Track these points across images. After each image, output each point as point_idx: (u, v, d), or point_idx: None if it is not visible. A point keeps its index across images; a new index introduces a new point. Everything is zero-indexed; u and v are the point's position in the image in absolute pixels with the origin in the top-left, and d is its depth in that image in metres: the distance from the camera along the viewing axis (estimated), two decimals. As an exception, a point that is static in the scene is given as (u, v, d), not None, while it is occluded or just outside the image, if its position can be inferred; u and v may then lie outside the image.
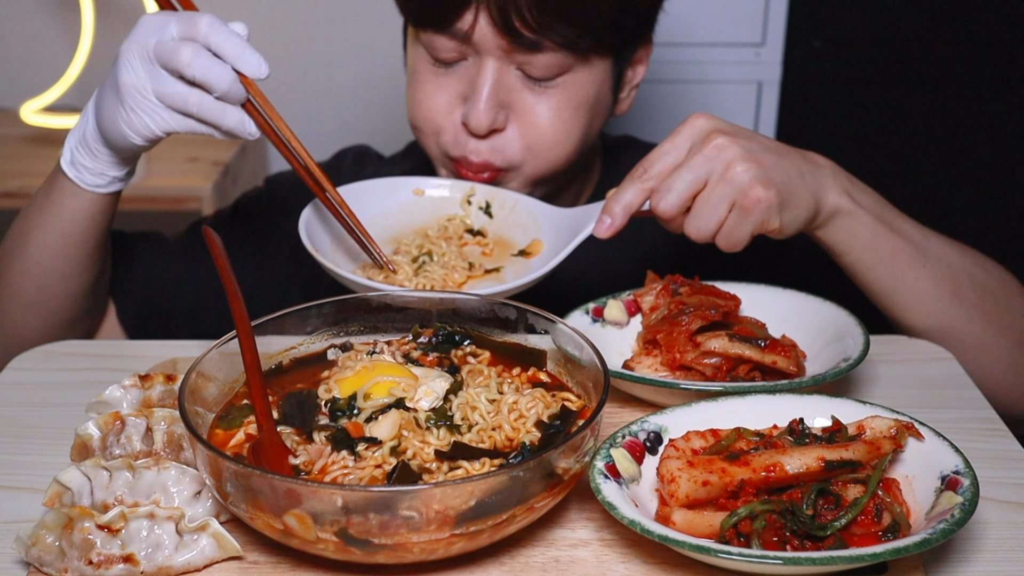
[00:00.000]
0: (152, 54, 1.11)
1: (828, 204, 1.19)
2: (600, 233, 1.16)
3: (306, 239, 1.20)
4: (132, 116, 1.13)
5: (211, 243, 1.05)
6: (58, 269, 1.30)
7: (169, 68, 1.10)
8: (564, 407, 0.99)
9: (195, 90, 1.11)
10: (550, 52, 1.29)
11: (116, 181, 1.25)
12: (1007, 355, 1.28)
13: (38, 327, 1.34)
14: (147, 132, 1.14)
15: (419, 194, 1.35)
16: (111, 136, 1.17)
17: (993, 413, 1.12)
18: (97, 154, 1.21)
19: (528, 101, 1.33)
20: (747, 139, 1.14)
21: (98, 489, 0.92)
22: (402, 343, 1.10)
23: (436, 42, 1.32)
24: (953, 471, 0.89)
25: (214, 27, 1.10)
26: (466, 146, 1.35)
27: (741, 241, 1.15)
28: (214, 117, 1.12)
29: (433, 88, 1.35)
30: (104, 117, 1.16)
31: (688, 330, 1.13)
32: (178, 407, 0.89)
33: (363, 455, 0.91)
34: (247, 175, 2.59)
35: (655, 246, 1.49)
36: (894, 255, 1.23)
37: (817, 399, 1.00)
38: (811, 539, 0.85)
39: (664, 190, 1.13)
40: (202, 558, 0.88)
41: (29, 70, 2.67)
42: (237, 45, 1.10)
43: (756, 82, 2.71)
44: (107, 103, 1.16)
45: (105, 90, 1.17)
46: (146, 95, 1.12)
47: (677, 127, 1.16)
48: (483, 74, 1.31)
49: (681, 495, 0.88)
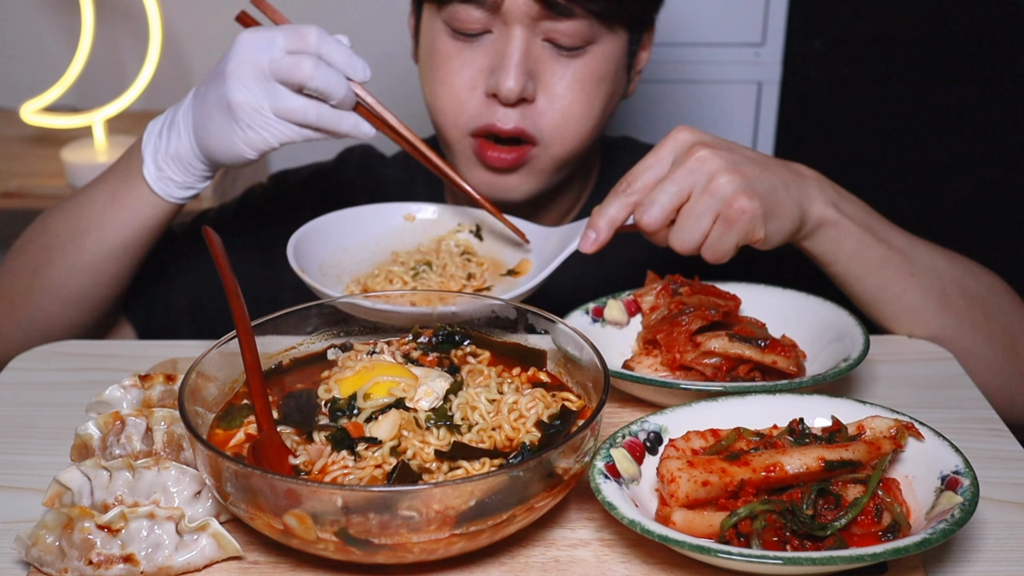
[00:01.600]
0: (268, 71, 1.14)
1: (813, 215, 1.19)
2: (585, 248, 1.16)
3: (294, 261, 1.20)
4: (250, 133, 1.16)
5: (211, 243, 1.06)
6: (111, 271, 1.31)
7: (289, 83, 1.14)
8: (564, 407, 0.99)
9: (313, 102, 1.16)
10: (579, 19, 1.30)
11: (196, 189, 1.28)
12: (997, 362, 1.28)
13: (72, 322, 1.35)
14: (264, 147, 1.18)
15: (410, 219, 1.36)
16: (219, 154, 1.20)
17: (993, 413, 1.12)
18: (192, 169, 1.24)
19: (556, 72, 1.34)
20: (730, 151, 1.15)
21: (98, 489, 0.92)
22: (402, 343, 1.10)
23: (462, 13, 1.32)
24: (953, 471, 0.89)
25: (323, 38, 1.15)
26: (494, 115, 1.35)
27: (726, 253, 1.15)
28: (331, 124, 1.17)
29: (457, 64, 1.36)
30: (211, 136, 1.19)
31: (688, 330, 1.13)
32: (178, 407, 0.89)
33: (363, 455, 0.91)
34: (247, 174, 2.59)
35: (655, 246, 1.49)
36: (882, 265, 1.23)
37: (817, 399, 1.00)
38: (811, 539, 0.85)
39: (648, 204, 1.13)
40: (202, 558, 0.88)
41: (29, 70, 2.67)
42: (345, 53, 1.16)
43: (756, 82, 2.71)
44: (215, 123, 1.17)
45: (208, 109, 1.18)
46: (264, 113, 1.15)
47: (660, 141, 1.16)
48: (512, 43, 1.31)
49: (681, 495, 0.88)
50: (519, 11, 1.30)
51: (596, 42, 1.35)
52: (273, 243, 1.52)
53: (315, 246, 1.27)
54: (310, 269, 1.23)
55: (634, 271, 1.32)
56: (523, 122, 1.35)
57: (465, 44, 1.35)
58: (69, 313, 1.34)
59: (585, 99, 1.36)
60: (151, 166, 1.24)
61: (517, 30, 1.31)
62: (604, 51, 1.36)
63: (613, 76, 1.39)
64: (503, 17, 1.31)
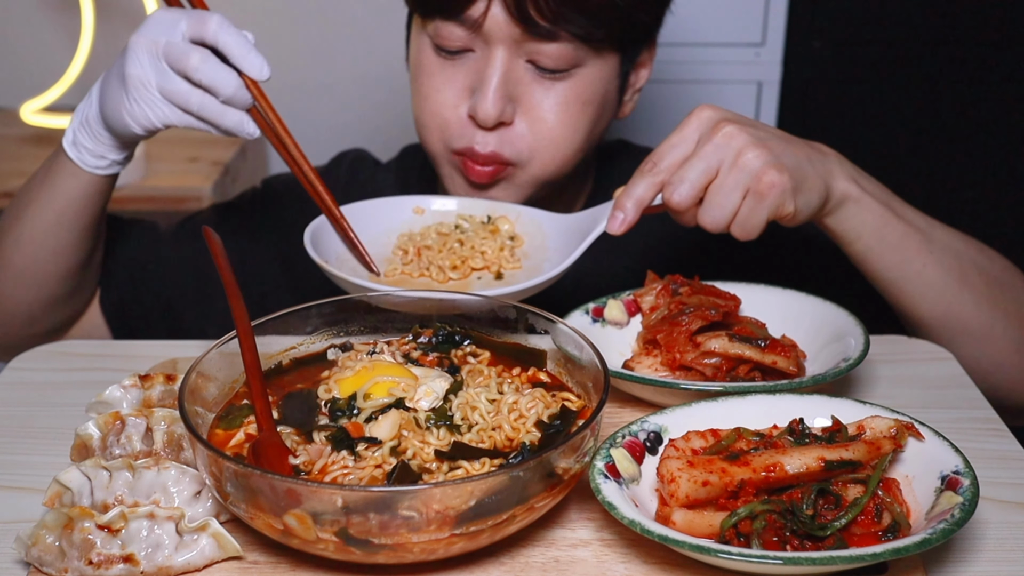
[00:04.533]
0: (161, 53, 1.15)
1: (837, 190, 1.19)
2: (613, 229, 1.14)
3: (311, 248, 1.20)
4: (135, 107, 1.17)
5: (211, 243, 1.06)
6: (49, 246, 1.32)
7: (176, 69, 1.15)
8: (564, 407, 0.99)
9: (198, 91, 1.15)
10: (563, 42, 1.28)
11: (114, 164, 1.28)
12: (1014, 340, 1.28)
13: (26, 301, 1.36)
14: (147, 123, 1.18)
15: (420, 212, 1.35)
16: (113, 122, 1.21)
17: (993, 413, 1.12)
18: (98, 137, 1.24)
19: (536, 94, 1.32)
20: (754, 127, 1.14)
21: (98, 489, 0.92)
22: (402, 343, 1.10)
23: (444, 30, 1.30)
24: (953, 471, 0.89)
25: (223, 26, 1.14)
26: (472, 137, 1.34)
27: (756, 227, 1.13)
28: (213, 117, 1.17)
29: (439, 81, 1.34)
30: (107, 104, 1.20)
31: (688, 330, 1.13)
32: (178, 407, 0.89)
33: (363, 455, 0.91)
34: (247, 175, 2.59)
35: (655, 246, 1.49)
36: (902, 242, 1.22)
37: (817, 399, 1.00)
38: (811, 539, 0.85)
39: (676, 182, 1.11)
40: (202, 558, 0.88)
41: (29, 70, 2.67)
42: (243, 46, 1.15)
43: (756, 82, 2.71)
44: (112, 91, 1.19)
45: (111, 78, 1.20)
46: (150, 89, 1.16)
47: (684, 120, 1.15)
48: (492, 64, 1.29)
49: (681, 495, 0.88)
50: (501, 32, 1.28)
51: (582, 65, 1.32)
52: (260, 247, 1.52)
53: (331, 237, 1.26)
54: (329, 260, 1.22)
55: (634, 271, 1.32)
56: (501, 146, 1.33)
57: (448, 61, 1.34)
58: (21, 290, 1.35)
59: (568, 123, 1.34)
60: (69, 133, 1.26)
61: (498, 51, 1.29)
62: (590, 74, 1.33)
63: (600, 99, 1.36)
64: (485, 37, 1.29)
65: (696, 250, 1.49)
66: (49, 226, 1.30)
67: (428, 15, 1.32)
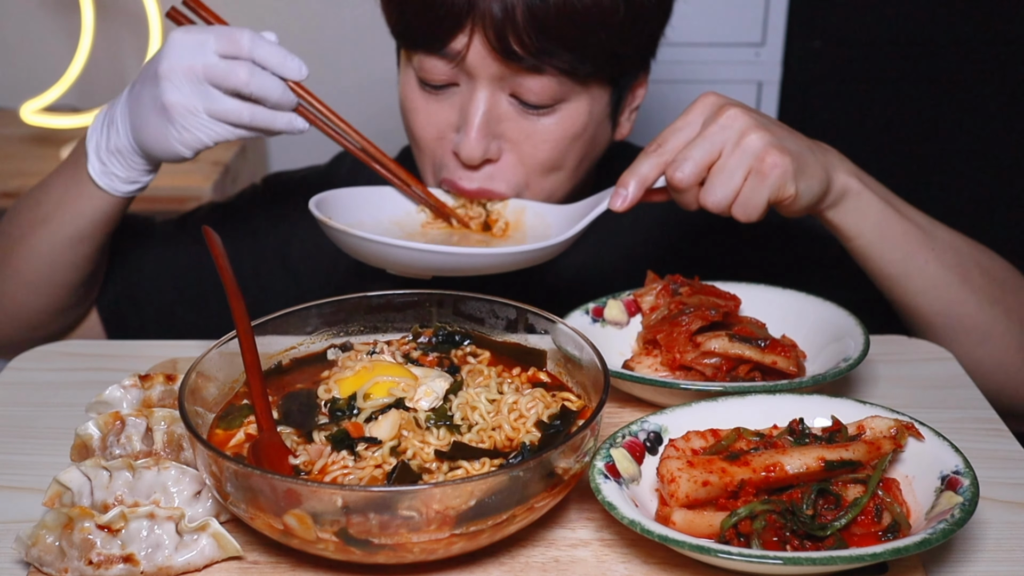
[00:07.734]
0: (202, 76, 1.14)
1: (838, 182, 1.19)
2: (616, 206, 1.14)
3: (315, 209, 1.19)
4: (184, 133, 1.17)
5: (211, 243, 1.05)
6: (67, 260, 1.33)
7: (224, 88, 1.15)
8: (564, 407, 0.99)
9: (247, 104, 1.16)
10: (548, 76, 1.24)
11: (144, 183, 1.29)
12: (1016, 339, 1.28)
13: (36, 308, 1.37)
14: (198, 145, 1.19)
15: None
16: (155, 150, 1.20)
17: (993, 413, 1.12)
18: (133, 164, 1.24)
19: (523, 129, 1.29)
20: (758, 114, 1.15)
21: (98, 489, 0.92)
22: (402, 343, 1.10)
23: (427, 64, 1.27)
24: (953, 471, 0.89)
25: (255, 41, 1.15)
26: (458, 170, 1.31)
27: (758, 208, 1.13)
28: (266, 124, 1.18)
29: (423, 118, 1.32)
30: (146, 134, 1.19)
31: (688, 330, 1.13)
32: (178, 407, 0.89)
33: (363, 455, 0.91)
34: (247, 175, 2.59)
35: (655, 246, 1.49)
36: (904, 238, 1.22)
37: (817, 399, 1.00)
38: (811, 539, 0.85)
39: (680, 160, 1.11)
40: (202, 558, 0.88)
41: (29, 70, 2.67)
42: (278, 54, 1.16)
43: (756, 82, 2.71)
44: (150, 120, 1.18)
45: (144, 108, 1.18)
46: (197, 114, 1.16)
47: (689, 105, 1.15)
48: (474, 102, 1.26)
49: (681, 495, 0.88)
50: (483, 66, 1.24)
51: (567, 100, 1.27)
52: (259, 245, 1.52)
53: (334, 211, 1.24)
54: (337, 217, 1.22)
55: (634, 271, 1.32)
56: (487, 182, 1.31)
57: (432, 96, 1.30)
58: (32, 298, 1.36)
59: (557, 157, 1.31)
60: (95, 161, 1.25)
61: (481, 87, 1.26)
62: (577, 109, 1.29)
63: (591, 132, 1.33)
64: (468, 71, 1.25)
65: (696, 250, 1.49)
66: (69, 242, 1.31)
67: (411, 48, 1.30)
